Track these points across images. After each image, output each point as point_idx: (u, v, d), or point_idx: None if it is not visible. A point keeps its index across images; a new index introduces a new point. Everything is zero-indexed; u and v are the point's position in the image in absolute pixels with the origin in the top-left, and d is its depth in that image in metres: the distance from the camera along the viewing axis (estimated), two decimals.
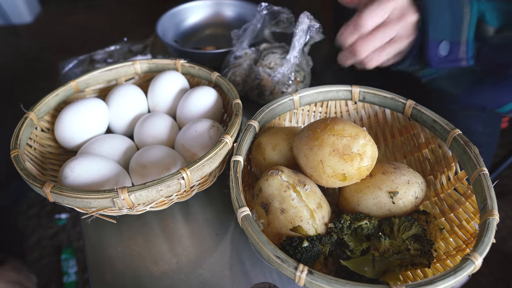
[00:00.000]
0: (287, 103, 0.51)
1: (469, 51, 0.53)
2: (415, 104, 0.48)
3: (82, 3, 2.53)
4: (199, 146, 0.49)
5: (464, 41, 0.52)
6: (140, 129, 0.54)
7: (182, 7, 0.86)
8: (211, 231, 0.49)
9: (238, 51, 0.69)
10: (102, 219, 0.48)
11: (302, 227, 0.39)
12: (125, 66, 0.61)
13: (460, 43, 0.53)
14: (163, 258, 0.46)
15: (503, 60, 0.52)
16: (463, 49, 0.53)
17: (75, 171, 0.44)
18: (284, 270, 0.33)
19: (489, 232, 0.34)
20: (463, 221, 0.42)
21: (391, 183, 0.41)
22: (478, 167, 0.40)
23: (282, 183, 0.40)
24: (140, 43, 0.88)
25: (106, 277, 0.44)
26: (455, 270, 0.32)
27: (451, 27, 0.52)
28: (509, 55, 0.50)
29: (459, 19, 0.51)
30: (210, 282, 0.43)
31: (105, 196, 0.39)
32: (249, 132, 0.46)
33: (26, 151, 0.49)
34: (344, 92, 0.52)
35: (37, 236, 1.26)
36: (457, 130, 0.44)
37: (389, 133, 0.54)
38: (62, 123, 0.53)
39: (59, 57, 0.89)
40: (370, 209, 0.42)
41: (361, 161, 0.39)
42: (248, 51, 0.69)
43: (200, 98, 0.55)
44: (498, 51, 0.52)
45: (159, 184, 0.40)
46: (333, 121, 0.41)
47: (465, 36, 0.52)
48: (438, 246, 0.42)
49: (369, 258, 0.38)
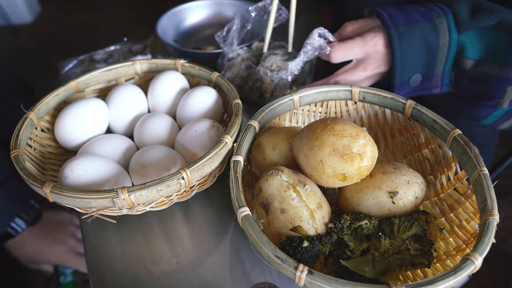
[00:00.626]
0: (287, 103, 0.51)
1: (444, 80, 0.53)
2: (415, 104, 0.48)
3: (82, 3, 2.53)
4: (199, 146, 0.49)
5: (438, 73, 0.53)
6: (140, 129, 0.54)
7: (182, 7, 0.86)
8: (211, 231, 0.49)
9: (230, 53, 0.69)
10: (102, 219, 0.48)
11: (302, 227, 0.39)
12: (125, 66, 0.61)
13: (434, 75, 0.53)
14: (163, 258, 0.46)
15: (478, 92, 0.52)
16: (437, 79, 0.54)
17: (75, 171, 0.44)
18: (284, 270, 0.33)
19: (489, 232, 0.34)
20: (463, 221, 0.42)
21: (391, 183, 0.41)
22: (478, 167, 0.40)
23: (282, 183, 0.40)
24: (140, 43, 0.88)
25: (106, 277, 0.44)
26: (455, 270, 0.32)
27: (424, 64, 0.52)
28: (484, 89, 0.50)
29: (434, 55, 0.51)
30: (210, 282, 0.43)
31: (105, 196, 0.39)
32: (249, 132, 0.46)
33: (26, 151, 0.49)
34: (344, 92, 0.52)
35: None
36: (457, 130, 0.44)
37: (389, 133, 0.53)
38: (62, 123, 0.53)
39: (59, 57, 0.89)
40: (370, 209, 0.42)
41: (361, 161, 0.39)
42: (241, 51, 0.69)
43: (200, 98, 0.55)
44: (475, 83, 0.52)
45: (159, 184, 0.40)
46: (333, 121, 0.41)
47: (440, 69, 0.53)
48: (438, 246, 0.42)
49: (369, 258, 0.38)
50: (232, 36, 0.68)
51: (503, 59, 0.48)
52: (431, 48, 0.51)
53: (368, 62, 0.54)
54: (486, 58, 0.50)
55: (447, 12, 0.50)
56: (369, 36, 0.53)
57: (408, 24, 0.50)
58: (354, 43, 0.53)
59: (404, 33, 0.50)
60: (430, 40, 0.50)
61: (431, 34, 0.50)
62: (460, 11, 0.49)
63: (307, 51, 0.57)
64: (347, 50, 0.53)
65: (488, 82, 0.50)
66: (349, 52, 0.53)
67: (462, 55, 0.50)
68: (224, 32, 0.68)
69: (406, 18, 0.51)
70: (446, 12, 0.50)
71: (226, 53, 0.69)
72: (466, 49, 0.50)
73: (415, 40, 0.50)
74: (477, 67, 0.50)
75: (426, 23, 0.50)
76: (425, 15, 0.51)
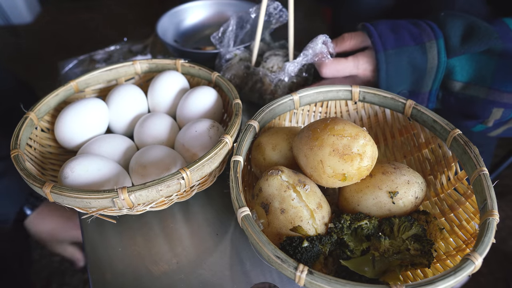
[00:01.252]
0: (287, 103, 0.51)
1: (431, 98, 0.54)
2: (415, 104, 0.48)
3: (82, 3, 2.53)
4: (199, 146, 0.49)
5: (425, 92, 0.53)
6: (140, 129, 0.54)
7: (182, 7, 0.86)
8: (211, 231, 0.49)
9: (227, 54, 0.68)
10: (102, 219, 0.48)
11: (302, 227, 0.39)
12: (125, 66, 0.61)
13: (421, 93, 0.54)
14: (163, 258, 0.46)
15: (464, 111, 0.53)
16: (423, 97, 0.55)
17: (75, 171, 0.44)
18: (284, 270, 0.33)
19: (489, 232, 0.34)
20: (463, 221, 0.42)
21: (391, 183, 0.41)
22: (478, 167, 0.40)
23: (282, 183, 0.40)
24: (140, 43, 0.88)
25: (106, 277, 0.44)
26: (455, 270, 0.32)
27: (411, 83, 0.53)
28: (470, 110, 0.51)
29: (421, 76, 0.52)
30: (210, 282, 0.43)
31: (105, 196, 0.39)
32: (249, 132, 0.46)
33: (26, 151, 0.49)
34: (344, 92, 0.52)
35: None
36: (457, 130, 0.44)
37: (389, 133, 0.54)
38: (62, 123, 0.53)
39: (59, 57, 0.89)
40: (370, 209, 0.42)
41: (361, 161, 0.39)
42: (238, 52, 0.69)
43: (200, 98, 0.55)
44: (462, 104, 0.53)
45: (159, 184, 0.40)
46: (333, 121, 0.41)
47: (427, 89, 0.53)
48: (438, 246, 0.42)
49: (369, 258, 0.38)
50: (228, 37, 0.68)
51: (491, 83, 0.49)
52: (418, 71, 0.51)
53: (355, 80, 0.56)
54: (474, 81, 0.50)
55: (439, 36, 0.50)
56: (362, 60, 0.54)
57: (397, 47, 0.51)
58: (347, 64, 0.54)
59: (392, 57, 0.51)
60: (418, 63, 0.51)
61: (419, 58, 0.50)
62: (452, 36, 0.49)
63: (307, 55, 0.58)
64: (338, 70, 0.55)
65: (474, 103, 0.51)
66: (340, 72, 0.55)
67: (450, 78, 0.51)
68: (220, 33, 0.68)
69: (396, 40, 0.51)
70: (438, 36, 0.50)
71: (223, 54, 0.69)
72: (455, 72, 0.51)
73: (403, 63, 0.51)
74: (465, 90, 0.51)
75: (416, 46, 0.50)
76: (415, 38, 0.51)
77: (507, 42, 0.48)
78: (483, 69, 0.49)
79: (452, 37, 0.49)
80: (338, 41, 0.57)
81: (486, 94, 0.50)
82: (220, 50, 0.69)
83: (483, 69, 0.49)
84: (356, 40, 0.56)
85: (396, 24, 0.53)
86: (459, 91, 0.51)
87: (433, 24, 0.51)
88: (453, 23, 0.50)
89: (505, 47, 0.47)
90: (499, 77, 0.48)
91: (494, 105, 0.50)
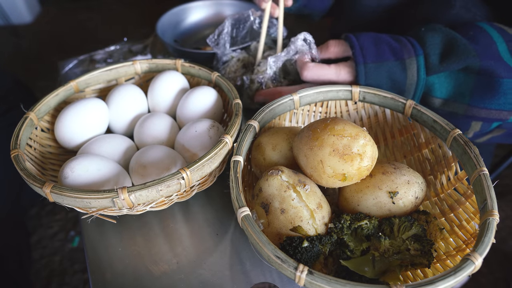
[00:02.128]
0: (287, 103, 0.51)
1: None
2: (415, 104, 0.48)
3: (82, 3, 2.53)
4: (199, 146, 0.49)
5: None
6: (140, 129, 0.54)
7: (182, 7, 0.86)
8: (211, 231, 0.49)
9: (224, 56, 0.68)
10: (102, 219, 0.48)
11: (302, 227, 0.39)
12: (125, 66, 0.61)
13: None
14: (163, 258, 0.46)
15: None
16: None
17: (75, 171, 0.44)
18: (284, 270, 0.33)
19: (489, 232, 0.34)
20: (463, 221, 0.42)
21: (391, 183, 0.41)
22: (478, 167, 0.40)
23: (282, 183, 0.40)
24: (140, 43, 0.88)
25: (106, 277, 0.44)
26: (455, 270, 0.32)
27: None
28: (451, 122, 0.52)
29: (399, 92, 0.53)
30: (210, 282, 0.43)
31: (105, 196, 0.39)
32: (249, 132, 0.46)
33: (26, 151, 0.49)
34: (344, 92, 0.52)
35: (37, 236, 1.26)
36: (457, 130, 0.44)
37: (389, 133, 0.54)
38: (62, 123, 0.53)
39: (59, 57, 0.89)
40: (370, 209, 0.42)
41: (361, 161, 0.39)
42: (234, 54, 0.69)
43: (200, 98, 0.55)
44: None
45: (159, 184, 0.40)
46: (333, 121, 0.41)
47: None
48: (438, 246, 0.42)
49: (369, 258, 0.38)
50: (224, 39, 0.67)
51: (469, 100, 0.50)
52: (397, 86, 0.52)
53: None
54: (453, 98, 0.51)
55: (419, 53, 0.50)
56: (344, 69, 0.54)
57: (378, 61, 0.51)
58: (328, 71, 0.55)
59: (372, 70, 0.51)
60: (398, 79, 0.51)
61: (399, 74, 0.51)
62: (431, 54, 0.50)
63: (289, 51, 0.59)
64: (319, 75, 0.55)
65: (454, 118, 0.52)
66: (321, 77, 0.55)
67: (429, 95, 0.52)
68: (215, 36, 0.68)
69: (377, 54, 0.52)
70: (418, 53, 0.50)
71: (219, 57, 0.69)
72: (434, 89, 0.51)
73: (383, 77, 0.52)
74: (444, 106, 0.52)
75: (396, 61, 0.51)
76: (396, 53, 0.51)
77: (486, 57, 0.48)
78: (461, 86, 0.50)
79: (432, 55, 0.50)
80: (323, 48, 0.58)
81: (465, 111, 0.51)
82: (217, 52, 0.69)
83: (461, 86, 0.50)
84: (340, 48, 0.57)
85: (379, 38, 0.53)
86: (438, 107, 0.53)
87: (413, 41, 0.52)
88: (433, 39, 0.51)
89: (482, 65, 0.48)
90: (477, 94, 0.49)
91: (472, 119, 0.51)
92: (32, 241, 1.24)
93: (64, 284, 1.13)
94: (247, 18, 0.70)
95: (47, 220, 1.31)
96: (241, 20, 0.70)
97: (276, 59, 0.60)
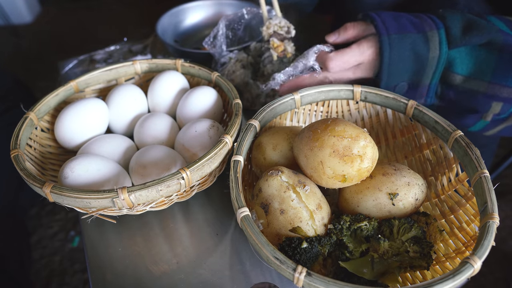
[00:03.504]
0: (288, 103, 0.51)
1: (430, 92, 0.54)
2: (416, 105, 0.48)
3: (82, 3, 2.53)
4: (199, 146, 0.49)
5: (425, 85, 0.53)
6: (140, 129, 0.54)
7: (182, 7, 0.86)
8: (211, 231, 0.49)
9: (222, 58, 0.68)
10: (102, 219, 0.48)
11: (302, 228, 0.39)
12: (125, 66, 0.61)
13: (420, 86, 0.53)
14: (163, 258, 0.46)
15: (463, 106, 0.53)
16: (422, 91, 0.54)
17: (75, 171, 0.44)
18: (283, 271, 0.33)
19: (489, 235, 0.34)
20: (463, 223, 0.42)
21: (391, 185, 0.41)
22: (479, 169, 0.40)
23: (282, 184, 0.40)
24: (140, 43, 0.88)
25: (106, 277, 0.44)
26: (454, 273, 0.32)
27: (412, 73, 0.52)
28: (471, 103, 0.50)
29: (422, 66, 0.51)
30: (210, 282, 0.43)
31: (105, 196, 0.39)
32: (249, 131, 0.46)
33: (26, 151, 0.49)
34: (345, 91, 0.52)
35: (37, 236, 1.26)
36: (458, 131, 0.44)
37: (391, 133, 0.53)
38: (62, 123, 0.53)
39: (59, 57, 0.89)
40: (370, 211, 0.42)
41: (361, 163, 0.39)
42: (232, 55, 0.68)
43: (200, 98, 0.55)
44: (462, 98, 0.52)
45: (159, 184, 0.40)
46: (333, 122, 0.41)
47: (428, 81, 0.53)
48: (438, 248, 0.42)
49: (368, 260, 0.38)
50: (220, 41, 0.67)
51: (491, 77, 0.49)
52: (420, 59, 0.51)
53: (359, 68, 0.55)
54: (474, 75, 0.50)
55: (440, 26, 0.50)
56: (366, 44, 0.53)
57: (400, 33, 0.50)
58: (352, 53, 0.53)
59: (396, 42, 0.50)
60: (421, 52, 0.50)
61: (422, 46, 0.50)
62: (452, 27, 0.49)
63: (297, 66, 0.57)
64: (345, 62, 0.54)
65: (474, 97, 0.51)
66: (347, 63, 0.54)
67: (450, 70, 0.51)
68: (211, 38, 0.67)
69: (398, 27, 0.51)
70: (439, 26, 0.50)
71: (217, 59, 0.68)
72: (455, 65, 0.51)
73: (406, 50, 0.51)
74: (465, 83, 0.51)
75: (418, 34, 0.50)
76: (417, 27, 0.51)
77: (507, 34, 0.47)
78: (483, 63, 0.49)
79: (453, 28, 0.49)
80: (341, 31, 0.57)
81: (486, 89, 0.49)
82: (214, 54, 0.68)
83: (483, 63, 0.49)
84: (359, 29, 0.55)
85: (398, 14, 0.53)
86: (459, 84, 0.51)
87: (433, 17, 0.51)
88: (453, 16, 0.50)
89: (505, 40, 0.47)
90: (499, 72, 0.48)
91: (493, 99, 0.50)
92: (32, 241, 1.24)
93: (64, 284, 1.13)
94: (242, 17, 0.70)
95: (47, 220, 1.31)
96: (236, 20, 0.70)
97: (284, 75, 0.58)
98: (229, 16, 0.69)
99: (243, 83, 0.66)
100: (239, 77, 0.66)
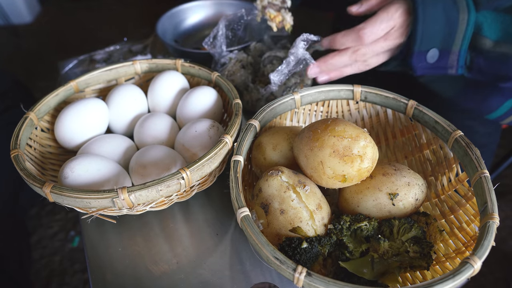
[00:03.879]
0: (288, 103, 0.51)
1: (460, 60, 0.53)
2: (417, 105, 0.48)
3: (82, 3, 2.53)
4: (199, 146, 0.49)
5: (455, 51, 0.52)
6: (140, 129, 0.54)
7: (182, 7, 0.86)
8: (211, 231, 0.49)
9: (222, 58, 0.68)
10: (102, 219, 0.48)
11: (302, 228, 0.39)
12: (125, 66, 0.61)
13: (451, 52, 0.52)
14: (163, 258, 0.46)
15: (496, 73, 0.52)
16: (453, 58, 0.53)
17: (75, 171, 0.44)
18: (283, 271, 0.33)
19: (489, 236, 0.34)
20: (463, 223, 0.42)
21: (391, 185, 0.41)
22: (479, 169, 0.40)
23: (282, 184, 0.40)
24: (140, 43, 0.88)
25: (106, 277, 0.44)
26: (454, 273, 0.32)
27: (443, 37, 0.51)
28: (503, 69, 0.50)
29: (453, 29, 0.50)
30: (210, 282, 0.43)
31: (105, 196, 0.39)
32: (249, 131, 0.46)
33: (26, 151, 0.49)
34: (345, 91, 0.52)
35: (37, 236, 1.26)
36: (458, 131, 0.44)
37: (391, 133, 0.53)
38: (62, 123, 0.53)
39: (59, 57, 0.89)
40: (370, 211, 0.42)
41: (361, 163, 0.39)
42: (232, 56, 0.68)
43: (200, 98, 0.55)
44: (493, 64, 0.51)
45: (159, 184, 0.40)
46: (333, 122, 0.41)
47: (458, 47, 0.52)
48: (438, 248, 0.42)
49: (368, 260, 0.38)
50: (220, 41, 0.67)
51: None
52: (451, 21, 0.50)
53: (390, 34, 0.53)
54: (504, 39, 0.49)
55: None
56: (393, 8, 0.51)
57: None
58: (381, 19, 0.51)
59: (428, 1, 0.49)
60: (451, 13, 0.49)
61: (451, 8, 0.49)
62: None
63: (290, 62, 0.56)
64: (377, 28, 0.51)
65: (506, 62, 0.49)
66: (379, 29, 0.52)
67: (480, 34, 0.50)
68: (211, 38, 0.67)
69: None
70: None
71: (217, 60, 0.68)
72: (483, 29, 0.49)
73: (438, 10, 0.49)
74: (495, 47, 0.50)
75: None
76: None
77: None
78: (510, 27, 0.49)
79: None
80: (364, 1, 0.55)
81: None
82: (214, 54, 0.68)
83: (510, 28, 0.49)
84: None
85: None
86: (489, 49, 0.50)
87: None
88: None
89: None
90: None
91: None
92: (32, 241, 1.24)
93: (64, 284, 1.13)
94: (242, 17, 0.70)
95: (47, 220, 1.31)
96: (236, 20, 0.70)
97: (278, 74, 0.57)
98: (229, 16, 0.69)
99: (243, 84, 0.66)
100: (239, 78, 0.66)
